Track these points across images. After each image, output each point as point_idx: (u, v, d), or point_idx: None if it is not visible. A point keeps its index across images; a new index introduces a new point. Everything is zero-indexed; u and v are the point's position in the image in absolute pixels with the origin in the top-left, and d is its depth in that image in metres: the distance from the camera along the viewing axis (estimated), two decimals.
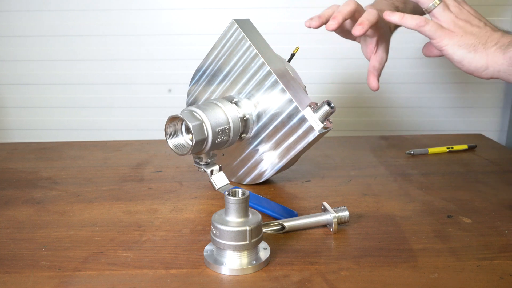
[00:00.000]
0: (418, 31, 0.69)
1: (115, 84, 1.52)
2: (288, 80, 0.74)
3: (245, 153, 0.79)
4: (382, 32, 0.82)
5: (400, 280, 0.53)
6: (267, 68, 0.73)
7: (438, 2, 0.68)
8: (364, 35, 0.79)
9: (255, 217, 0.56)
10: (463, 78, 1.40)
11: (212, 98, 0.80)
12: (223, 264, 0.55)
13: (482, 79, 0.68)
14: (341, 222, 0.65)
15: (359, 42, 0.86)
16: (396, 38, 1.19)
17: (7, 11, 1.47)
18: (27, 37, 1.49)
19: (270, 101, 0.74)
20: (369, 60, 0.83)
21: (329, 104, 0.70)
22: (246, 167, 0.79)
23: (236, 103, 0.75)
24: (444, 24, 0.68)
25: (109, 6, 1.46)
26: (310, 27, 0.77)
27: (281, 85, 0.72)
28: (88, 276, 0.54)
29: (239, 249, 0.54)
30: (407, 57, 1.46)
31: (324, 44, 1.46)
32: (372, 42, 0.81)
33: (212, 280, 0.54)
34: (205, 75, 0.80)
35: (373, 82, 0.80)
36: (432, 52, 0.75)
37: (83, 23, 1.47)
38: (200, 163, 0.72)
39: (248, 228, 0.54)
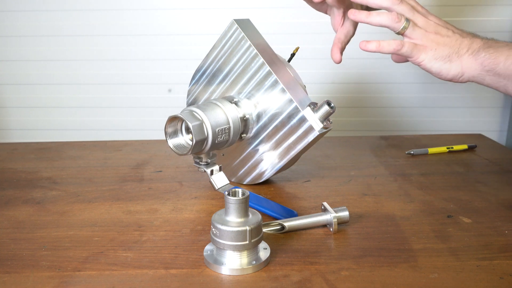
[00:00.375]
0: (396, 54, 0.71)
1: (115, 84, 1.52)
2: (288, 80, 0.74)
3: (245, 153, 0.79)
4: (348, 3, 0.81)
5: (400, 280, 0.53)
6: (267, 68, 0.73)
7: (407, 23, 0.68)
8: (331, 4, 0.79)
9: (255, 217, 0.56)
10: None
11: (212, 98, 0.80)
12: (223, 264, 0.55)
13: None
14: (341, 222, 0.65)
15: (329, 15, 0.86)
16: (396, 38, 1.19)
17: (7, 11, 1.47)
18: (27, 37, 1.49)
19: (270, 101, 0.74)
20: (335, 33, 0.83)
21: (329, 104, 0.70)
22: (246, 167, 0.79)
23: (236, 103, 0.75)
24: (417, 41, 0.69)
25: (109, 6, 1.46)
26: None
27: (281, 85, 0.72)
28: (88, 276, 0.54)
29: (239, 249, 0.54)
30: None
31: (324, 44, 1.46)
32: (339, 14, 0.81)
33: (212, 280, 0.54)
34: (205, 75, 0.80)
35: (336, 54, 0.81)
36: (401, 59, 0.77)
37: (84, 23, 1.47)
38: (200, 163, 0.72)
39: (248, 228, 0.54)
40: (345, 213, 0.65)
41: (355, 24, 0.83)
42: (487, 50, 0.66)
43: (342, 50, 0.82)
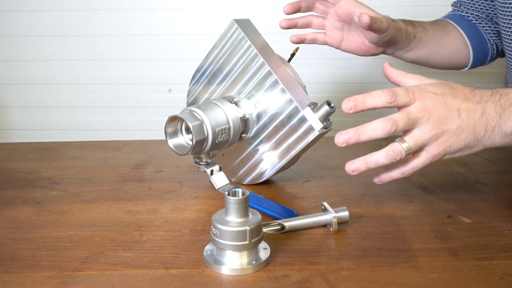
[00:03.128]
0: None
1: (115, 84, 1.52)
2: (288, 80, 0.74)
3: (245, 153, 0.79)
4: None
5: (400, 280, 0.53)
6: (267, 68, 0.73)
7: (408, 150, 0.59)
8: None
9: (255, 217, 0.56)
10: (463, 79, 1.40)
11: (212, 98, 0.80)
12: (223, 264, 0.55)
13: (482, 80, 0.68)
14: (341, 222, 0.65)
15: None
16: None
17: (7, 11, 1.47)
18: (28, 37, 1.49)
19: (270, 101, 0.74)
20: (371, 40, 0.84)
21: (329, 104, 0.70)
22: (246, 167, 0.79)
23: (236, 103, 0.75)
24: (430, 150, 0.60)
25: (109, 6, 1.46)
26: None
27: (281, 85, 0.72)
28: (88, 276, 0.54)
29: (239, 249, 0.54)
30: None
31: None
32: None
33: (212, 280, 0.54)
34: (205, 75, 0.80)
35: (364, 16, 0.77)
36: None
37: (84, 23, 1.47)
38: (200, 163, 0.72)
39: (248, 228, 0.54)
40: (345, 213, 0.65)
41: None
42: (509, 124, 0.59)
43: (370, 17, 0.77)
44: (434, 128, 0.59)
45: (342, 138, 0.59)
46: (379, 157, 0.60)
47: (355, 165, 0.61)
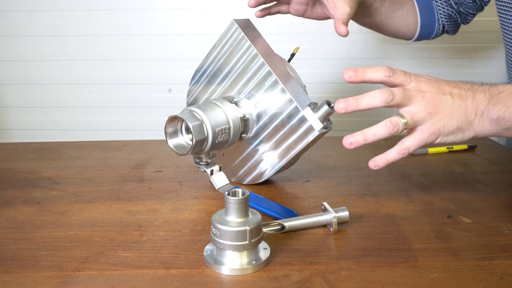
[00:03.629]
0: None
1: (115, 84, 1.52)
2: (288, 80, 0.74)
3: (245, 153, 0.79)
4: None
5: (400, 280, 0.53)
6: (267, 68, 0.73)
7: (405, 124, 0.61)
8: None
9: (255, 217, 0.56)
10: (463, 79, 1.40)
11: (212, 98, 0.80)
12: (223, 264, 0.55)
13: (482, 80, 0.69)
14: (341, 222, 0.65)
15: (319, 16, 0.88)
16: (395, 38, 1.18)
17: (8, 11, 1.47)
18: (28, 37, 1.49)
19: (270, 101, 0.74)
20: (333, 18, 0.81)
21: (329, 104, 0.70)
22: (246, 167, 0.79)
23: (236, 103, 0.75)
24: (424, 130, 0.62)
25: (109, 6, 1.46)
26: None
27: (281, 85, 0.72)
28: (88, 276, 0.54)
29: (239, 249, 0.54)
30: (407, 57, 1.46)
31: (324, 44, 1.46)
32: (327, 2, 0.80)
33: (212, 280, 0.54)
34: (205, 75, 0.80)
35: (341, 28, 0.77)
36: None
37: (84, 23, 1.47)
38: (200, 163, 0.72)
39: (248, 228, 0.54)
40: (345, 213, 0.65)
41: (349, 4, 0.80)
42: (497, 108, 0.61)
43: (345, 23, 0.78)
44: (428, 107, 0.61)
45: (342, 104, 0.61)
46: (377, 128, 0.62)
47: (354, 138, 0.63)
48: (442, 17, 1.01)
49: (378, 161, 0.65)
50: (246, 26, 0.77)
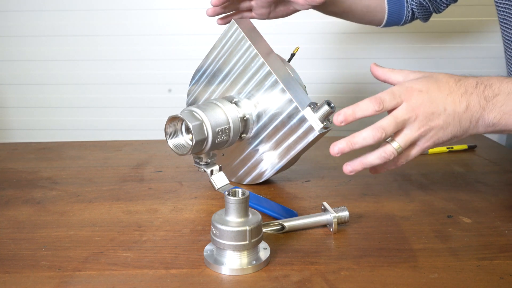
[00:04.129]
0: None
1: (115, 84, 1.52)
2: (288, 80, 0.74)
3: (245, 153, 0.79)
4: None
5: (400, 280, 0.53)
6: (267, 68, 0.73)
7: (399, 149, 0.62)
8: None
9: (255, 217, 0.56)
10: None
11: (212, 98, 0.80)
12: (223, 264, 0.55)
13: None
14: (341, 222, 0.65)
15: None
16: (395, 38, 1.18)
17: (8, 11, 1.47)
18: (27, 37, 1.49)
19: (270, 101, 0.74)
20: (303, 6, 0.83)
21: (329, 104, 0.70)
22: (246, 167, 0.79)
23: (236, 103, 0.75)
24: (420, 143, 0.63)
25: (110, 6, 1.46)
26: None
27: (281, 85, 0.72)
28: (88, 276, 0.54)
29: (239, 249, 0.54)
30: (407, 57, 1.46)
31: (324, 44, 1.46)
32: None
33: (212, 280, 0.54)
34: (205, 75, 0.80)
35: None
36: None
37: (84, 23, 1.47)
38: (200, 163, 0.72)
39: (248, 228, 0.54)
40: (345, 213, 0.65)
41: None
42: (492, 115, 0.61)
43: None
44: (422, 126, 0.61)
45: (337, 148, 0.63)
46: (373, 158, 0.63)
47: (352, 167, 0.64)
48: (412, 5, 1.01)
49: (378, 170, 0.67)
50: (246, 26, 0.77)
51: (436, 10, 1.03)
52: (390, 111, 0.62)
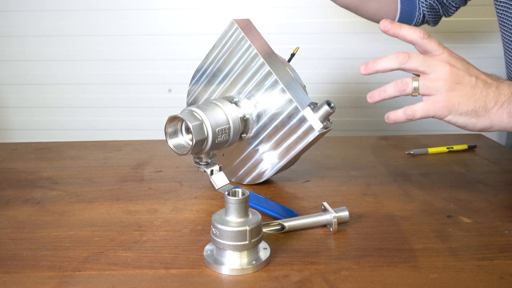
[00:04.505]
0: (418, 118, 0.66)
1: (115, 84, 1.52)
2: (288, 80, 0.74)
3: (245, 153, 0.79)
4: None
5: (400, 280, 0.53)
6: (267, 68, 0.73)
7: (416, 87, 0.62)
8: None
9: (255, 217, 0.56)
10: None
11: (212, 98, 0.80)
12: (223, 264, 0.55)
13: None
14: (341, 222, 0.65)
15: None
16: (395, 38, 1.18)
17: (8, 11, 1.47)
18: (27, 37, 1.49)
19: (270, 101, 0.74)
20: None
21: (329, 104, 0.70)
22: (246, 167, 0.79)
23: (236, 103, 0.75)
24: (436, 99, 0.62)
25: (109, 6, 1.46)
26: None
27: (281, 85, 0.72)
28: (88, 276, 0.54)
29: (239, 249, 0.54)
30: None
31: (324, 44, 1.46)
32: None
33: (212, 280, 0.54)
34: (205, 75, 0.80)
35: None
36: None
37: (84, 23, 1.47)
38: (200, 163, 0.72)
39: (248, 228, 0.54)
40: (345, 213, 0.65)
41: None
42: None
43: None
44: (449, 79, 0.61)
45: (364, 67, 0.64)
46: (389, 86, 0.64)
47: (372, 93, 0.66)
48: (423, 6, 1.01)
49: (389, 115, 0.66)
50: (246, 26, 0.77)
51: (445, 13, 1.03)
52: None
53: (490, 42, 1.46)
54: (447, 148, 0.99)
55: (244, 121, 0.75)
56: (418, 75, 0.64)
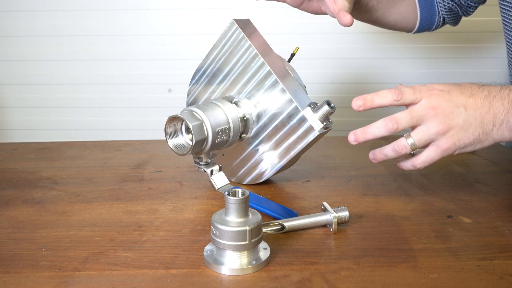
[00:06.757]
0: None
1: (116, 84, 1.52)
2: (288, 80, 0.74)
3: (245, 153, 0.79)
4: None
5: (400, 280, 0.53)
6: (267, 68, 0.73)
7: (413, 145, 0.63)
8: None
9: (255, 217, 0.56)
10: (464, 79, 1.40)
11: (212, 98, 0.80)
12: (223, 264, 0.55)
13: (484, 79, 0.68)
14: (341, 222, 0.65)
15: (322, 10, 0.85)
16: (396, 38, 1.19)
17: (7, 11, 1.47)
18: (27, 37, 1.49)
19: (270, 101, 0.74)
20: (333, 14, 0.77)
21: (329, 104, 0.70)
22: (246, 167, 0.79)
23: (236, 103, 0.75)
24: (439, 144, 0.62)
25: (109, 6, 1.46)
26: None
27: (281, 85, 0.72)
28: (88, 276, 0.54)
29: (239, 249, 0.54)
30: (407, 57, 1.46)
31: (324, 44, 1.46)
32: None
33: (212, 280, 0.54)
34: (205, 75, 0.80)
35: (345, 17, 0.72)
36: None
37: (83, 23, 1.47)
38: (200, 163, 0.72)
39: (248, 228, 0.54)
40: (345, 213, 0.65)
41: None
42: None
43: (348, 12, 0.75)
44: (440, 124, 0.61)
45: (352, 137, 0.65)
46: (388, 149, 0.65)
47: (373, 153, 0.67)
48: (442, 10, 1.01)
49: (402, 164, 0.69)
50: (246, 26, 0.77)
51: (465, 13, 1.02)
52: (407, 106, 0.63)
53: (492, 42, 1.46)
54: None
55: (244, 121, 0.75)
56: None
